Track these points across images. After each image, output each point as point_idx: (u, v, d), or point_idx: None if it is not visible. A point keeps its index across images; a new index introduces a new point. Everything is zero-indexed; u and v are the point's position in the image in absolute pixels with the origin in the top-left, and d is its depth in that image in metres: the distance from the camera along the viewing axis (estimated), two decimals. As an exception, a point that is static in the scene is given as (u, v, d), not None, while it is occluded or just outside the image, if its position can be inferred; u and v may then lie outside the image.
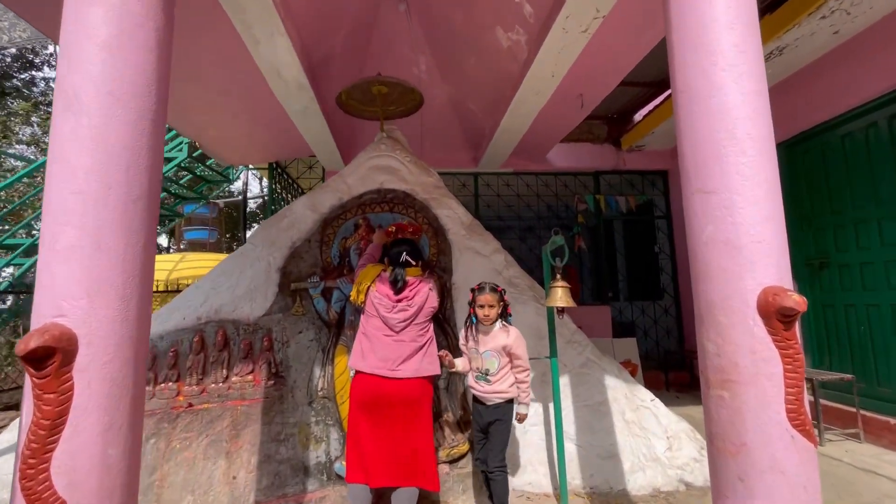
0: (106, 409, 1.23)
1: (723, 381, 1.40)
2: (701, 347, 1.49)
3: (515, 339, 2.41)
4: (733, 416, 1.36)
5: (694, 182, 1.51)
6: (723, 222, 1.42)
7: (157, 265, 6.93)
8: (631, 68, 3.65)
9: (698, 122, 1.49)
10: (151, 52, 1.40)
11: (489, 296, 2.41)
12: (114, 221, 1.28)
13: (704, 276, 1.47)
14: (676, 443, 3.14)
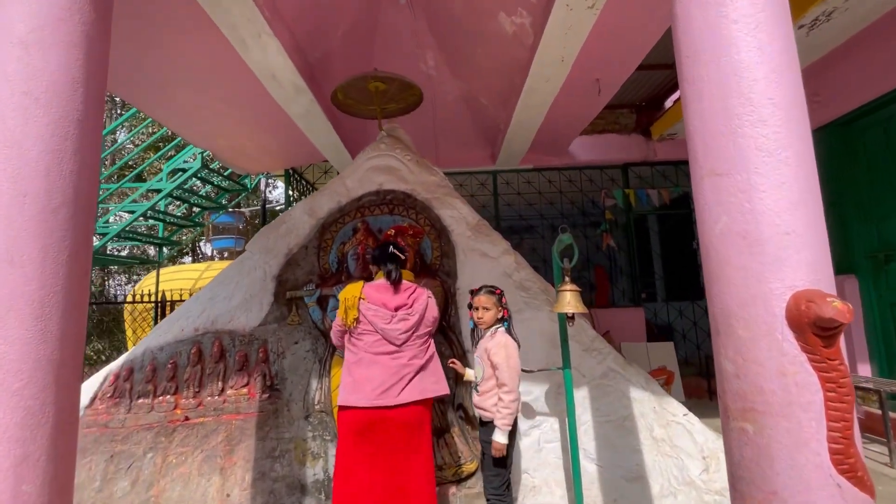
0: (18, 440, 1.11)
1: (745, 411, 1.11)
2: (718, 367, 1.21)
3: (496, 345, 2.11)
4: (759, 457, 1.07)
5: (703, 163, 1.23)
6: (739, 210, 1.13)
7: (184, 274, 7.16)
8: (650, 47, 3.31)
9: (706, 88, 1.22)
10: (76, 47, 1.28)
11: (484, 297, 2.22)
12: (29, 233, 1.16)
13: (719, 277, 1.18)
14: (714, 464, 2.77)
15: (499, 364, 2.09)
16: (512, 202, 6.05)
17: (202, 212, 6.39)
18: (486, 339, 2.20)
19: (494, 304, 2.20)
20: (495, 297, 2.22)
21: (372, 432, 2.02)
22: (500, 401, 2.07)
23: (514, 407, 2.07)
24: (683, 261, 6.22)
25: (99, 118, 1.38)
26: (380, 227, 3.07)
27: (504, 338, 2.16)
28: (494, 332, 2.19)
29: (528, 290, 3.08)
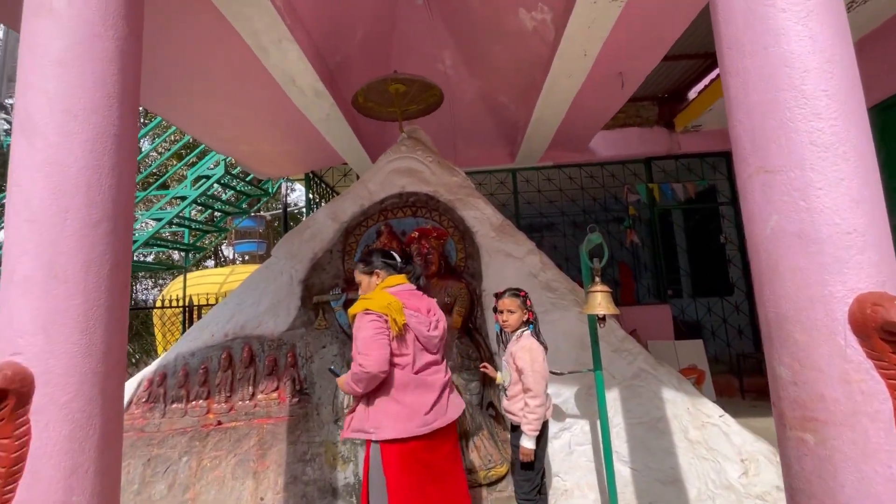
0: (68, 453, 1.12)
1: (804, 420, 1.06)
2: (772, 373, 1.15)
3: (520, 349, 2.08)
4: (822, 469, 1.02)
5: (752, 161, 1.17)
6: (793, 209, 1.08)
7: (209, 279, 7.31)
8: (676, 38, 3.21)
9: (753, 81, 1.16)
10: (112, 63, 1.30)
11: (508, 300, 2.18)
12: (71, 248, 1.18)
13: (771, 280, 1.13)
14: (753, 466, 2.68)
15: (523, 368, 2.05)
16: (532, 200, 5.99)
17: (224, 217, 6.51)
18: (512, 343, 2.18)
19: (519, 306, 2.16)
20: (519, 300, 2.18)
21: (431, 457, 1.81)
22: (526, 405, 2.03)
23: (541, 412, 2.03)
24: (711, 255, 6.06)
25: (134, 133, 1.39)
26: (403, 230, 3.06)
27: (528, 341, 2.12)
28: (520, 336, 2.16)
29: (554, 290, 3.03)
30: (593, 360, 2.58)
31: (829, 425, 1.01)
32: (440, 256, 2.98)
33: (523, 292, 2.22)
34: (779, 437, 1.16)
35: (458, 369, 2.78)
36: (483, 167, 5.70)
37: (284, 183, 6.12)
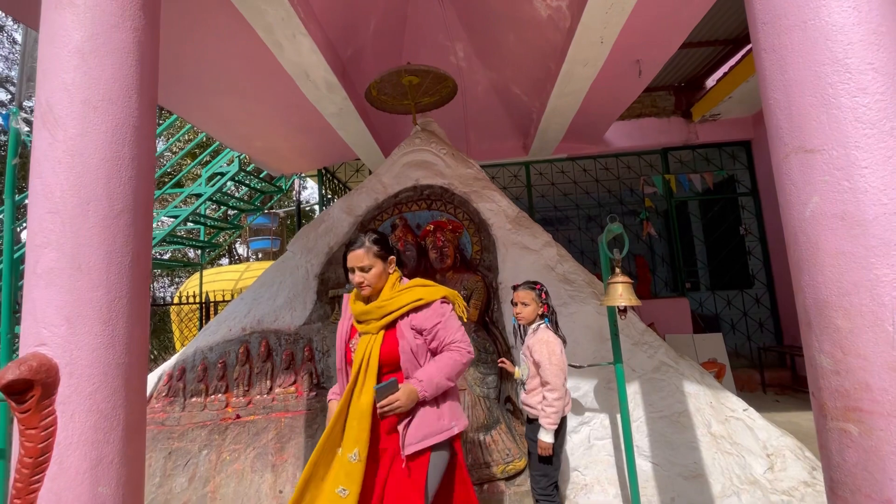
0: (93, 444, 1.13)
1: (847, 410, 1.01)
2: (810, 362, 1.11)
3: (537, 342, 2.04)
4: (867, 461, 0.97)
5: (788, 140, 1.12)
6: (836, 189, 1.02)
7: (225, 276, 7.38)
8: (695, 23, 3.12)
9: (790, 57, 1.10)
10: (130, 54, 1.29)
11: (522, 292, 2.14)
12: (93, 239, 1.18)
13: (810, 264, 1.08)
14: (779, 461, 2.61)
15: (541, 362, 2.02)
16: (546, 193, 5.92)
17: (239, 214, 6.58)
18: (529, 336, 2.15)
19: (533, 299, 2.13)
20: (534, 293, 2.14)
21: None
22: (544, 399, 2.00)
23: (559, 405, 1.99)
24: (730, 247, 5.93)
25: (152, 123, 1.39)
26: (418, 223, 3.04)
27: (545, 334, 2.07)
28: (536, 329, 2.12)
29: (572, 282, 2.98)
30: (613, 352, 2.53)
31: (876, 416, 0.96)
32: (456, 249, 2.96)
33: (539, 285, 2.18)
34: (818, 428, 1.11)
35: (475, 363, 2.76)
36: (496, 160, 5.64)
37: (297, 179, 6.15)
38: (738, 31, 4.54)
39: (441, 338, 1.58)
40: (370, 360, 1.55)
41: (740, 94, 4.80)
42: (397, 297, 1.59)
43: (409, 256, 2.92)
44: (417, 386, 1.50)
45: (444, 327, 1.58)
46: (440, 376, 1.54)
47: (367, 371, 1.54)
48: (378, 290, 1.64)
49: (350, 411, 1.53)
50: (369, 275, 1.60)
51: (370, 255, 1.61)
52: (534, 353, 2.05)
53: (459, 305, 1.69)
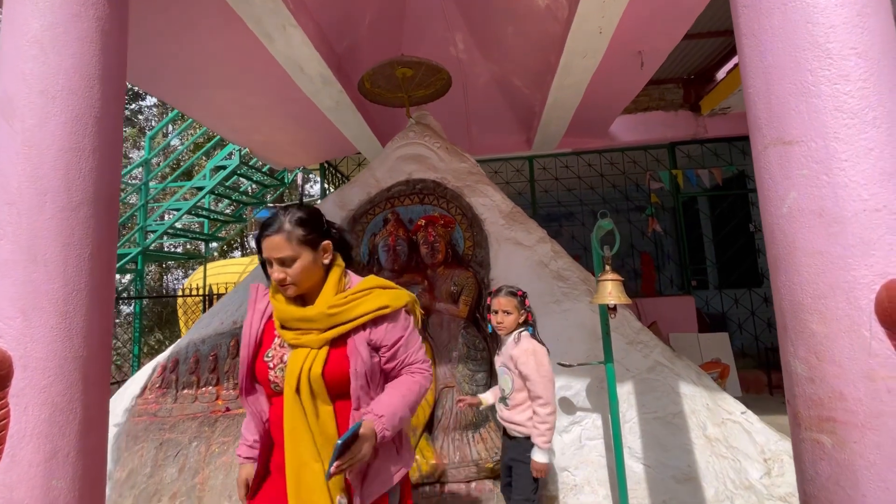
0: (48, 437, 1.12)
1: (821, 420, 0.95)
2: (786, 368, 1.04)
3: (523, 353, 1.86)
4: (839, 475, 0.91)
5: (766, 131, 1.05)
6: (814, 184, 0.96)
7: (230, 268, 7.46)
8: (698, 12, 3.01)
9: (770, 41, 1.03)
10: (93, 43, 1.27)
11: (504, 299, 1.97)
12: (50, 231, 1.16)
13: (787, 264, 1.01)
14: (777, 466, 2.53)
15: (529, 375, 1.84)
16: (549, 188, 5.82)
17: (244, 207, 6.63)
18: (510, 346, 1.95)
19: (516, 307, 1.95)
20: (517, 300, 1.96)
21: None
22: (536, 415, 1.82)
23: (553, 420, 1.84)
24: (739, 245, 5.78)
25: (119, 114, 1.37)
26: (410, 218, 3.00)
27: (530, 343, 1.90)
28: (518, 338, 1.94)
29: (566, 279, 2.92)
30: (604, 351, 2.47)
31: (850, 427, 0.90)
32: (447, 245, 2.91)
33: (521, 291, 2.01)
34: (793, 439, 1.06)
35: (465, 359, 2.72)
36: (499, 155, 5.57)
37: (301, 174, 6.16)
38: (750, 20, 4.38)
39: (401, 357, 1.24)
40: (313, 386, 1.13)
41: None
42: (355, 303, 1.19)
43: (401, 251, 2.88)
44: (377, 424, 1.11)
45: (407, 344, 1.25)
46: (404, 408, 1.17)
47: (316, 405, 1.13)
48: (310, 289, 1.22)
49: (300, 483, 1.11)
50: (293, 269, 1.17)
51: (293, 243, 1.17)
52: (520, 364, 1.87)
53: (417, 316, 1.35)
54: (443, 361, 2.75)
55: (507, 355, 1.94)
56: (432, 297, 2.82)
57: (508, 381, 1.95)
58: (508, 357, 1.93)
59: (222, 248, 14.49)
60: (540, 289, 2.85)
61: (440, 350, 2.76)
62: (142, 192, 5.58)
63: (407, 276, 2.87)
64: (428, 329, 2.79)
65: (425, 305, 2.81)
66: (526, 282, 2.90)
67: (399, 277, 2.86)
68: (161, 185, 6.19)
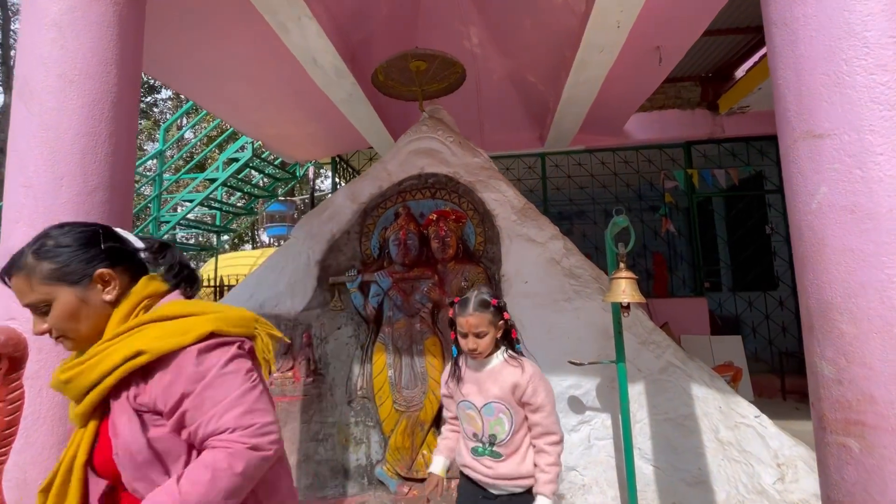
0: (61, 420, 1.13)
1: (848, 424, 0.91)
2: (811, 369, 1.01)
3: (532, 380, 1.44)
4: (867, 481, 0.88)
5: (796, 124, 1.01)
6: (846, 179, 0.92)
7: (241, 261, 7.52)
8: (719, 7, 2.94)
9: (803, 30, 0.99)
10: (110, 28, 1.27)
11: (475, 317, 1.43)
12: (66, 215, 1.17)
13: (815, 262, 0.98)
14: (791, 472, 2.48)
15: (543, 406, 1.44)
16: (561, 186, 5.76)
17: (255, 200, 6.68)
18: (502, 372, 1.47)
19: (490, 322, 1.45)
20: (490, 314, 1.45)
21: None
22: (544, 455, 1.43)
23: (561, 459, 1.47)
24: (754, 247, 5.67)
25: (134, 100, 1.37)
26: (421, 212, 2.99)
27: (533, 366, 1.49)
28: (514, 361, 1.48)
29: (578, 277, 2.88)
30: (616, 351, 2.44)
31: (880, 431, 0.86)
32: (458, 240, 2.90)
33: (495, 300, 1.50)
34: (816, 442, 1.02)
35: (474, 356, 2.70)
36: (511, 151, 5.53)
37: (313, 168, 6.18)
38: (771, 17, 4.27)
39: (192, 426, 0.80)
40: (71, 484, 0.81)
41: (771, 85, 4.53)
42: (105, 354, 0.82)
43: (412, 246, 2.87)
44: None
45: (200, 405, 0.80)
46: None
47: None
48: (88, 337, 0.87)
49: None
50: (52, 317, 0.84)
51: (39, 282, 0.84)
52: (528, 395, 1.43)
53: (262, 342, 0.92)
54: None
55: (505, 386, 1.45)
56: (443, 293, 2.81)
57: (504, 422, 1.45)
58: (508, 388, 1.44)
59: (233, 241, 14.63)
60: (551, 286, 2.82)
61: (450, 345, 2.74)
62: (156, 183, 5.64)
63: (417, 270, 2.86)
64: (437, 324, 2.78)
65: (435, 300, 2.80)
66: (537, 279, 2.87)
67: (410, 272, 2.85)
68: (174, 177, 6.26)
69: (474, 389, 1.49)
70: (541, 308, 2.80)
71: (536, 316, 2.79)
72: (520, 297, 2.83)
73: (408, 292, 2.83)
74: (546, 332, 2.77)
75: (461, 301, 1.50)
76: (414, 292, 2.83)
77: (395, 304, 2.81)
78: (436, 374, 2.68)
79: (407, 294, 2.83)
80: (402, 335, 2.75)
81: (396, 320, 2.78)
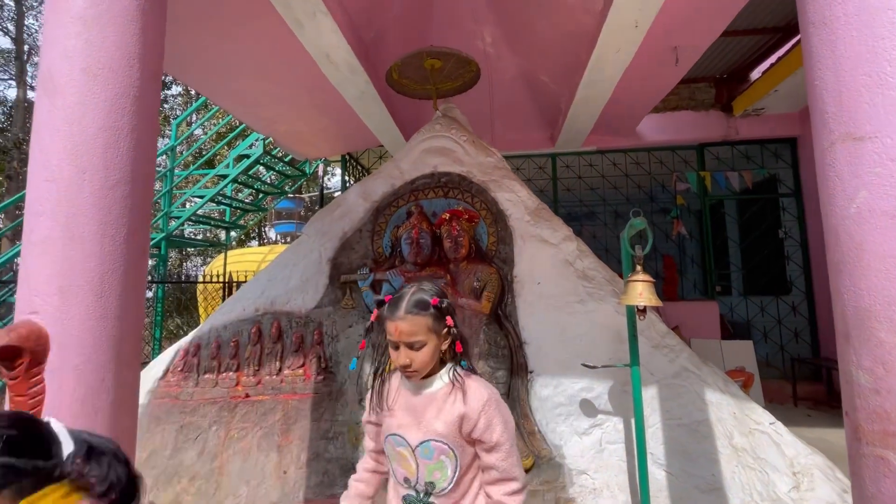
0: (80, 415, 1.12)
1: (886, 435, 0.89)
2: (846, 378, 0.98)
3: (486, 408, 1.07)
4: (907, 495, 0.85)
5: (835, 126, 0.99)
6: (888, 183, 0.89)
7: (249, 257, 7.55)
8: (741, 6, 2.90)
9: (843, 30, 0.97)
10: (133, 22, 1.27)
11: (409, 322, 1.08)
12: (88, 210, 1.16)
13: (853, 268, 0.95)
14: (806, 480, 2.44)
15: (500, 444, 1.06)
16: (572, 187, 5.73)
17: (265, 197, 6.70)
18: (444, 400, 1.10)
19: (430, 329, 1.09)
20: (430, 317, 1.10)
21: None
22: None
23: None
24: (767, 251, 5.61)
25: (155, 96, 1.36)
26: (434, 211, 2.97)
27: (484, 388, 1.11)
28: (459, 382, 1.10)
29: (591, 279, 2.86)
30: (630, 354, 2.41)
31: (921, 444, 0.84)
32: (471, 240, 2.88)
33: (436, 299, 1.12)
34: (850, 453, 0.99)
35: (486, 356, 2.69)
36: (522, 151, 5.50)
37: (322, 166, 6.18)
38: (789, 18, 4.21)
39: None
40: None
41: (788, 87, 4.47)
42: None
43: (424, 245, 2.86)
44: None
45: None
46: None
47: None
48: None
49: None
50: None
51: None
52: (479, 430, 1.05)
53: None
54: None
55: (449, 418, 1.07)
56: (455, 292, 2.79)
57: (446, 466, 1.08)
58: (454, 421, 1.07)
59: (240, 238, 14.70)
60: (565, 288, 2.80)
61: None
62: (167, 178, 5.67)
63: (429, 269, 2.84)
64: (449, 324, 2.76)
65: (447, 300, 2.79)
66: (551, 280, 2.85)
67: (422, 271, 2.84)
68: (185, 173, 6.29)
69: (409, 421, 1.10)
70: (554, 310, 2.77)
71: (549, 318, 2.77)
72: (533, 298, 2.81)
73: (419, 292, 2.81)
74: (559, 334, 2.75)
75: (392, 299, 1.12)
76: (426, 292, 2.81)
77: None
78: (447, 374, 2.67)
79: (419, 293, 2.81)
80: (413, 334, 2.74)
81: (408, 320, 2.76)
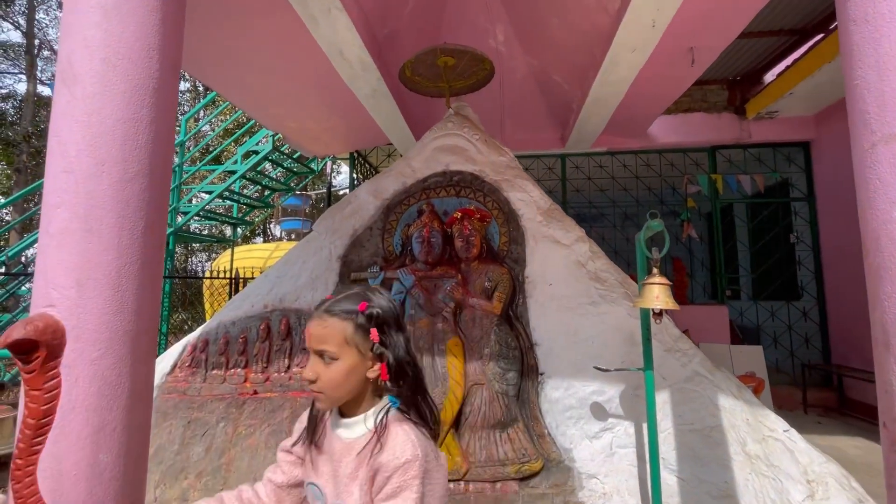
0: (96, 410, 1.10)
1: (930, 448, 0.85)
2: (884, 387, 0.95)
3: (401, 468, 0.80)
4: (952, 510, 0.82)
5: (877, 127, 0.95)
6: (935, 186, 0.86)
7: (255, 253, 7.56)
8: (760, 7, 2.86)
9: (887, 27, 0.93)
10: (153, 13, 1.25)
11: (320, 325, 0.89)
12: (106, 202, 1.15)
13: (894, 273, 0.92)
14: (821, 490, 2.40)
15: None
16: (581, 188, 5.69)
17: (272, 193, 6.70)
18: (355, 445, 0.87)
19: (347, 340, 0.88)
20: (349, 324, 0.88)
21: None
22: None
23: None
24: (778, 255, 5.55)
25: (174, 88, 1.34)
26: (445, 210, 2.95)
27: (414, 448, 0.83)
28: (381, 426, 0.85)
29: (604, 281, 2.82)
30: (644, 358, 2.38)
31: (968, 458, 0.81)
32: (482, 239, 2.85)
33: (364, 304, 0.90)
34: (887, 464, 0.96)
35: (496, 357, 2.66)
36: (531, 151, 5.46)
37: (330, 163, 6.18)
38: (806, 20, 4.16)
39: None
40: None
41: (803, 90, 4.42)
42: None
43: (435, 244, 2.83)
44: None
45: None
46: None
47: None
48: None
49: None
50: None
51: None
52: (397, 492, 0.79)
53: None
54: (473, 358, 2.69)
55: (363, 480, 0.84)
56: (466, 292, 2.76)
57: None
58: (365, 482, 0.84)
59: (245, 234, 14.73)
60: (577, 289, 2.77)
61: (471, 346, 2.70)
62: (175, 173, 5.67)
63: (440, 269, 2.82)
64: (460, 324, 2.74)
65: (458, 300, 2.76)
66: (563, 281, 2.82)
67: (432, 270, 2.81)
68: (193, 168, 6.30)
69: (327, 470, 0.89)
70: (566, 311, 2.74)
71: (560, 319, 2.74)
72: (545, 299, 2.78)
73: (430, 291, 2.79)
74: (570, 336, 2.72)
75: (320, 305, 0.93)
76: (437, 291, 2.79)
77: (418, 302, 2.77)
78: (457, 375, 2.65)
79: (430, 293, 2.79)
80: (423, 334, 2.72)
81: (419, 319, 2.74)
